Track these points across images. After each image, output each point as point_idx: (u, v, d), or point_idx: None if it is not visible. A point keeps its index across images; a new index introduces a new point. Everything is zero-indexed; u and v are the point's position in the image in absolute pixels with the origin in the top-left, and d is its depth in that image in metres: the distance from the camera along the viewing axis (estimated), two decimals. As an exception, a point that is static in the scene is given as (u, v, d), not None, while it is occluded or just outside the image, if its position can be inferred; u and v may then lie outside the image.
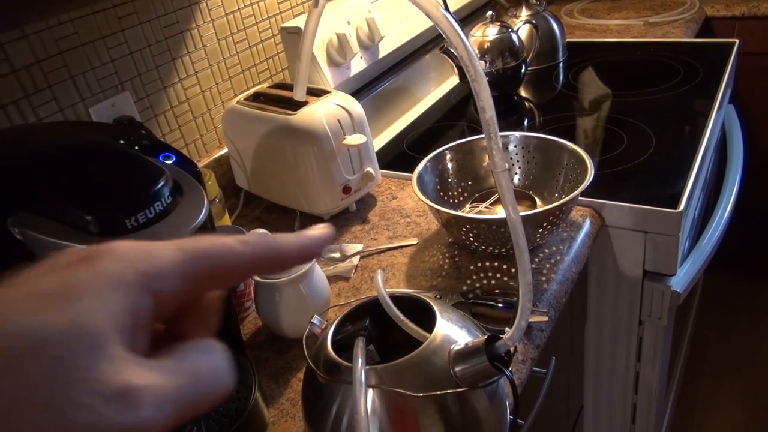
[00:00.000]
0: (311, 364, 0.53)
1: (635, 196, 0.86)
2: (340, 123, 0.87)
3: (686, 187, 0.86)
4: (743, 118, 1.37)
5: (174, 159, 0.57)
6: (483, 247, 0.78)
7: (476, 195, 0.91)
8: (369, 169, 0.92)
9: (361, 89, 1.16)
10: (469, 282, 0.76)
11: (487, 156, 0.76)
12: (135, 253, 0.22)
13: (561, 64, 1.40)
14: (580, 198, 0.79)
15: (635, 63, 1.34)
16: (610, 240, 0.89)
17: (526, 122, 1.17)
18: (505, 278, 0.76)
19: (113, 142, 0.51)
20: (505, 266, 0.78)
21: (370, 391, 0.50)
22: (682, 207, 0.83)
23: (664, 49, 1.36)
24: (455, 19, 0.32)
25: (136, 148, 0.56)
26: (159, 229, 0.44)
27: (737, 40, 1.32)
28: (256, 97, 0.95)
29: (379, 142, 1.17)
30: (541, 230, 0.75)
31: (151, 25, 0.90)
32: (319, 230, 0.27)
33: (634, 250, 0.88)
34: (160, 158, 0.56)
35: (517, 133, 0.89)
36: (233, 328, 0.65)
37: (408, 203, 0.96)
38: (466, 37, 1.35)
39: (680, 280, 0.90)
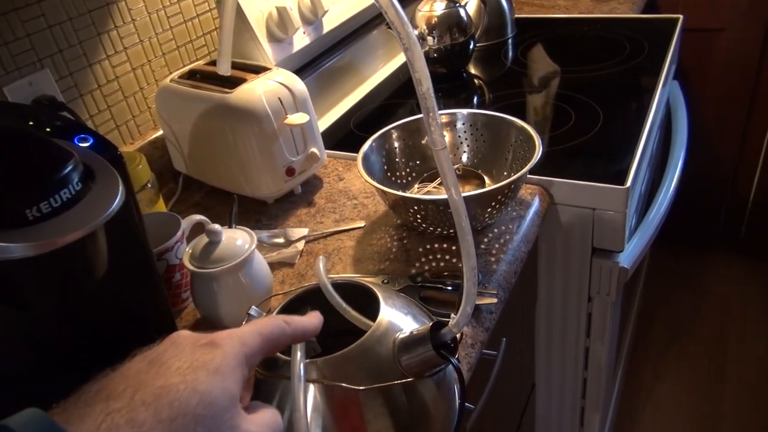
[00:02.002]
0: (248, 358, 0.50)
1: (583, 173, 0.85)
2: (281, 101, 0.83)
3: (632, 163, 0.86)
4: (687, 94, 1.39)
5: (91, 141, 0.52)
6: (431, 228, 0.75)
7: (424, 175, 0.88)
8: (314, 149, 0.88)
9: (305, 66, 1.12)
10: (417, 265, 0.74)
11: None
12: (239, 339, 0.34)
13: (510, 40, 1.38)
14: (528, 176, 0.78)
15: (583, 39, 1.34)
16: (559, 217, 0.89)
17: (475, 99, 1.15)
18: (454, 260, 0.74)
19: (15, 122, 0.46)
20: (453, 247, 0.76)
21: (311, 386, 0.47)
22: (628, 183, 0.82)
23: (611, 25, 1.36)
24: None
25: (48, 130, 0.51)
26: (67, 219, 0.40)
27: (681, 16, 1.33)
28: (192, 75, 0.90)
29: (326, 121, 1.13)
30: (489, 210, 0.73)
31: (72, -4, 0.83)
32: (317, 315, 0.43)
33: (582, 227, 0.88)
34: (75, 141, 0.51)
35: (465, 111, 0.87)
36: (167, 323, 0.61)
37: (355, 185, 0.93)
38: (410, 11, 1.29)
39: (627, 256, 0.90)
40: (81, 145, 0.51)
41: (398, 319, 0.52)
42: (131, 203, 0.51)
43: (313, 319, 0.42)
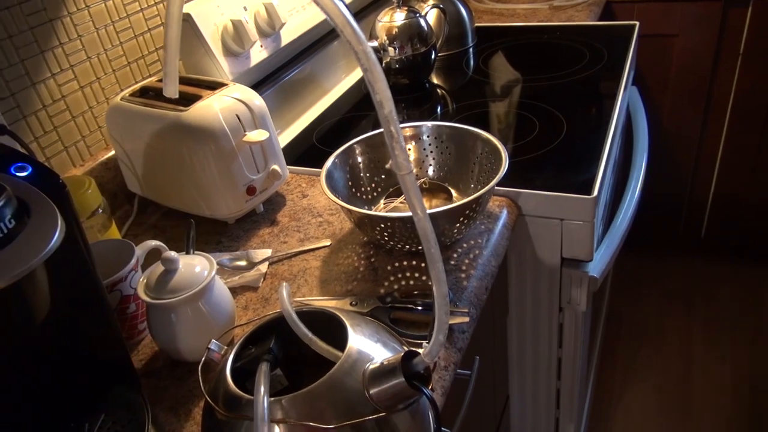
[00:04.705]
0: (208, 398, 0.47)
1: (550, 184, 0.85)
2: (239, 118, 0.79)
3: (598, 172, 0.86)
4: (646, 99, 1.41)
5: (29, 170, 0.48)
6: (399, 245, 0.73)
7: (390, 189, 0.86)
8: (275, 166, 0.85)
9: (263, 80, 1.08)
10: (386, 284, 0.72)
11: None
12: None
13: (471, 49, 1.38)
14: (496, 188, 0.76)
15: (543, 47, 1.34)
16: (527, 229, 0.88)
17: (439, 110, 1.14)
18: (423, 277, 0.72)
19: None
20: (423, 264, 0.74)
21: (276, 427, 0.44)
22: (595, 193, 0.82)
23: (570, 33, 1.37)
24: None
25: (-19, 159, 0.47)
26: (0, 261, 0.36)
27: (637, 23, 1.35)
28: (144, 93, 0.86)
29: (287, 136, 1.10)
30: (458, 225, 0.71)
31: (11, 12, 0.78)
32: None
33: (551, 238, 0.87)
34: (12, 170, 0.47)
35: (429, 123, 0.85)
36: (120, 358, 0.57)
37: (320, 201, 0.90)
38: (375, 23, 1.27)
39: (596, 265, 0.90)
40: (19, 174, 0.47)
41: (368, 347, 0.49)
42: (76, 235, 0.47)
43: None
